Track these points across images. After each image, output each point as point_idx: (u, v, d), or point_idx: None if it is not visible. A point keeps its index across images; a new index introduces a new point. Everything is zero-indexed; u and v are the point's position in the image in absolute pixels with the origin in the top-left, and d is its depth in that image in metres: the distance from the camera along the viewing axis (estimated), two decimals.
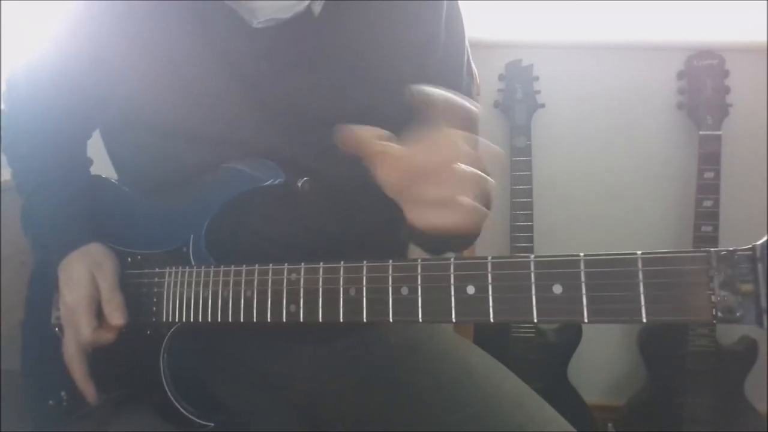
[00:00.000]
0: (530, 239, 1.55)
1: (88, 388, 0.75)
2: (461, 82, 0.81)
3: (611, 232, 1.69)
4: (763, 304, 0.40)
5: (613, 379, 1.79)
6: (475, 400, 0.75)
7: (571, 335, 1.62)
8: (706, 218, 1.49)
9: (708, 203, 1.48)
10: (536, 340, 1.59)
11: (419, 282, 0.54)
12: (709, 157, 1.49)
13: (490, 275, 0.50)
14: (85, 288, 0.74)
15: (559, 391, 1.60)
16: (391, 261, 0.56)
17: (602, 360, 1.77)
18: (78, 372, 0.75)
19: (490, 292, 0.50)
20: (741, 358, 1.56)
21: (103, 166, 0.88)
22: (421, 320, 0.54)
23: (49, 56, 0.79)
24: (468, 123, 0.56)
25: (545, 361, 1.60)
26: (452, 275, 0.52)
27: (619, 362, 1.77)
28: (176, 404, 0.72)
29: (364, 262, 0.58)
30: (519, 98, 1.57)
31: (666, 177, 1.66)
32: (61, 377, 0.79)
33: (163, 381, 0.73)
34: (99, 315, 0.75)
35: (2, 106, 0.88)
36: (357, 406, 0.81)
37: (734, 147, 1.56)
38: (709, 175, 1.48)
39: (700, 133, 1.50)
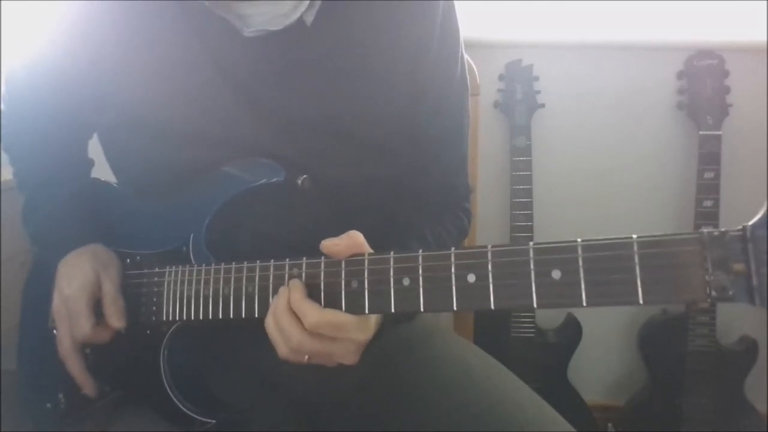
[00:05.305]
0: (530, 239, 1.54)
1: (87, 383, 0.75)
2: (452, 85, 0.80)
3: (611, 232, 1.65)
4: (754, 282, 0.41)
5: (613, 379, 1.79)
6: (475, 400, 0.75)
7: (571, 335, 1.62)
8: (706, 218, 1.48)
9: (708, 203, 1.48)
10: (536, 340, 1.59)
11: (420, 272, 0.55)
12: (709, 157, 1.49)
13: (490, 263, 0.51)
14: (88, 284, 0.74)
15: (559, 391, 1.60)
16: (392, 252, 0.56)
17: (602, 360, 1.77)
18: (75, 367, 0.75)
19: (491, 280, 0.50)
20: (741, 358, 1.56)
21: (102, 170, 0.88)
22: (422, 310, 0.54)
23: (47, 56, 0.79)
24: None
25: (545, 361, 1.60)
26: (453, 264, 0.53)
27: (619, 362, 1.77)
28: (176, 402, 0.72)
29: (366, 254, 0.58)
30: (519, 98, 1.57)
31: (666, 177, 1.66)
32: (58, 380, 0.78)
33: (164, 379, 0.73)
34: (97, 314, 0.75)
35: (2, 106, 0.89)
36: (356, 406, 0.81)
37: (734, 147, 1.56)
38: (709, 175, 1.48)
39: (700, 133, 1.50)
